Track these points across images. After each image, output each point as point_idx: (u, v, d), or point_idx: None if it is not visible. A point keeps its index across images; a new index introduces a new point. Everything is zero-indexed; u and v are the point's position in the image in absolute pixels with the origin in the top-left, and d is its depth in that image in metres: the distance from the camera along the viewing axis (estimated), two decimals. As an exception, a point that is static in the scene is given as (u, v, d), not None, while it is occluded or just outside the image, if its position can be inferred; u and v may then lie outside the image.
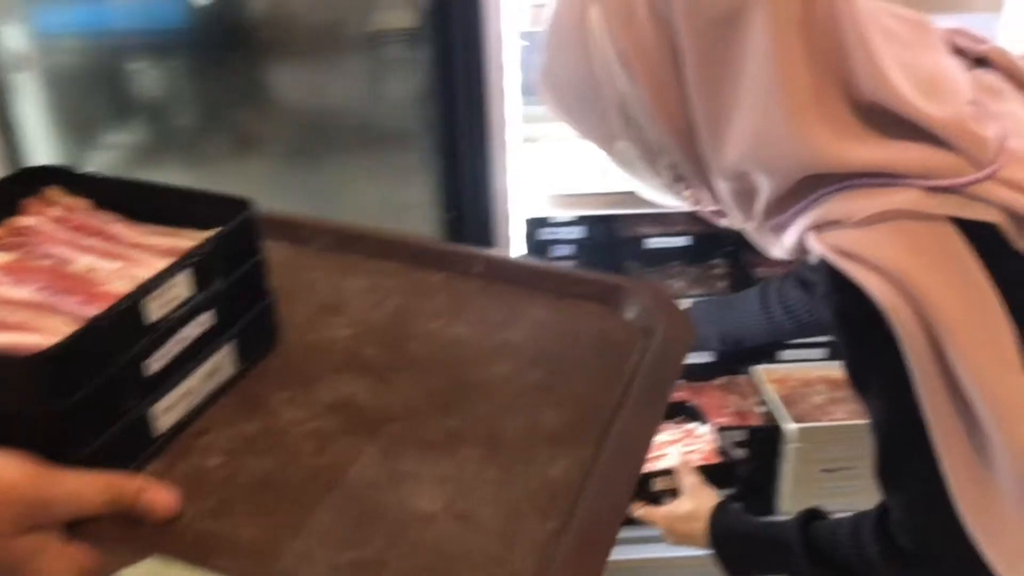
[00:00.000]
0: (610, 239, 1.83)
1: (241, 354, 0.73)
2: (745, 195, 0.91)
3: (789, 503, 1.70)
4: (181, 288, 0.66)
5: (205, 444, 0.68)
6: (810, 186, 0.85)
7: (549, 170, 1.55)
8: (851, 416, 1.67)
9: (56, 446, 0.59)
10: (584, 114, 0.95)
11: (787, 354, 1.78)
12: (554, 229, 1.76)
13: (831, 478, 1.67)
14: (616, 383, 0.74)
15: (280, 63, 1.53)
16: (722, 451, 1.64)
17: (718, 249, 1.88)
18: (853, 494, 1.65)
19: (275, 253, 0.89)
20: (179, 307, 0.66)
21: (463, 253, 0.88)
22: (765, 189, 0.87)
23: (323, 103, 1.57)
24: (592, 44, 0.87)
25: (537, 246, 1.74)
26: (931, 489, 0.83)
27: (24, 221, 0.76)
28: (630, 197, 1.46)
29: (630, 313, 0.82)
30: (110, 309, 0.61)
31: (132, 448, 0.65)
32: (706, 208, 1.00)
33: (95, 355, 0.61)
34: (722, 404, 1.79)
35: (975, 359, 0.77)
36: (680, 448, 1.60)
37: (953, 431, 0.80)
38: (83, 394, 0.60)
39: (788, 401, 1.72)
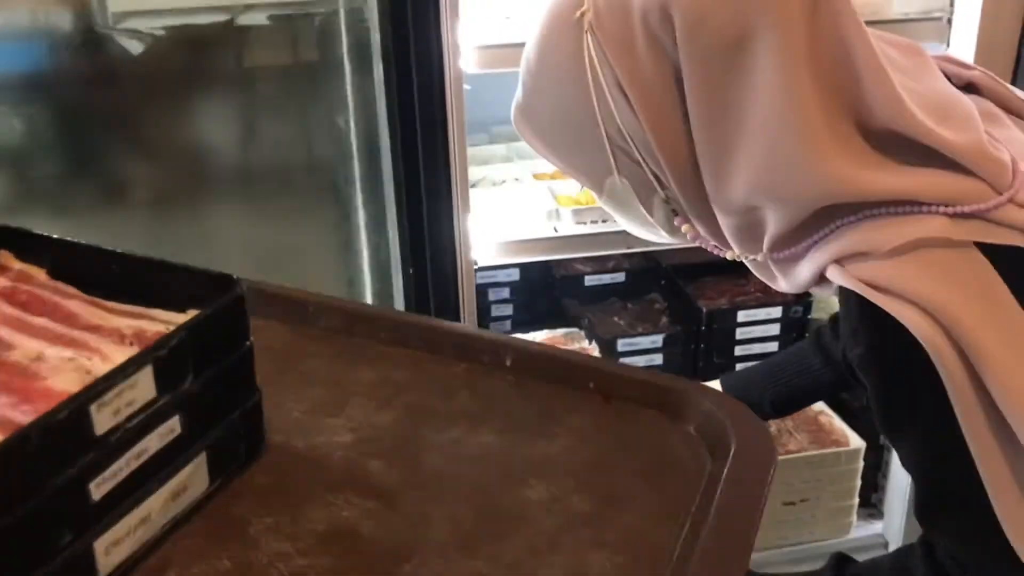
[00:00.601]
0: (546, 280, 1.78)
1: (215, 468, 0.59)
2: (752, 229, 0.87)
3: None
4: (142, 389, 0.52)
5: (161, 588, 0.53)
6: (825, 216, 0.82)
7: (489, 215, 1.47)
8: (805, 447, 1.63)
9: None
10: (573, 149, 0.90)
11: None
12: (490, 272, 1.69)
13: (792, 511, 1.62)
14: (681, 515, 0.59)
15: (156, 103, 1.43)
16: None
17: (654, 283, 1.83)
18: (813, 524, 1.63)
19: (268, 334, 0.76)
20: (137, 413, 0.52)
21: (489, 340, 0.75)
22: (776, 221, 0.83)
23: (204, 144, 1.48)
24: (588, 75, 0.84)
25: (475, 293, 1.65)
26: (978, 522, 0.80)
27: (-38, 293, 0.63)
28: (574, 240, 1.43)
29: (693, 422, 0.67)
30: (46, 416, 0.47)
31: (66, 594, 0.50)
32: (706, 243, 0.94)
33: (23, 474, 0.47)
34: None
35: (1015, 388, 0.75)
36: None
37: (998, 461, 0.78)
38: (5, 524, 0.46)
39: None
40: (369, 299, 1.48)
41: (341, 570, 0.55)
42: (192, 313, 0.58)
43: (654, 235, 0.98)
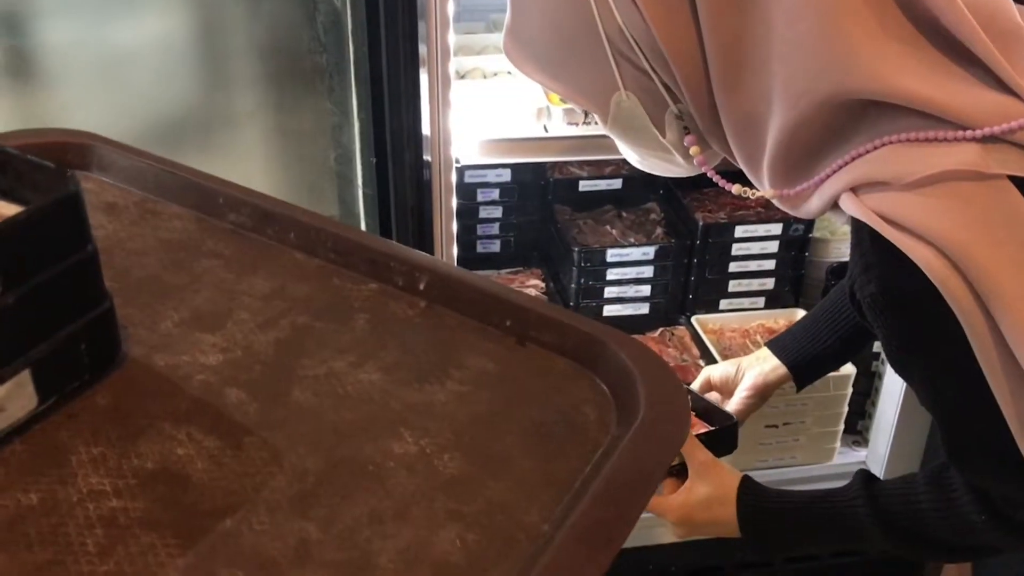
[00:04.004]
0: (539, 182, 1.65)
1: (46, 386, 0.53)
2: (760, 148, 0.79)
3: (731, 460, 1.51)
4: (-76, 301, 0.46)
5: (-48, 520, 0.48)
6: (839, 140, 0.75)
7: (475, 110, 1.35)
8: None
9: None
10: (572, 67, 0.81)
11: (724, 303, 1.65)
12: (480, 172, 1.57)
13: (775, 434, 1.55)
14: (561, 488, 0.52)
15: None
16: None
17: (652, 192, 1.71)
18: (796, 448, 1.57)
19: (174, 223, 0.69)
20: (-83, 329, 0.46)
21: (406, 259, 0.66)
22: (783, 135, 0.75)
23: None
24: None
25: (462, 191, 1.55)
26: (1009, 460, 0.77)
27: None
28: (565, 143, 1.30)
29: (607, 380, 0.58)
30: None
31: None
32: (713, 172, 0.86)
33: None
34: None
35: None
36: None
37: (1021, 403, 0.74)
38: None
39: (727, 354, 1.54)
40: (336, 198, 1.40)
41: (152, 519, 0.48)
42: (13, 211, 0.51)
43: (664, 164, 0.89)
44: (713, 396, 1.23)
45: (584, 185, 1.66)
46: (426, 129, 1.19)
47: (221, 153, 1.40)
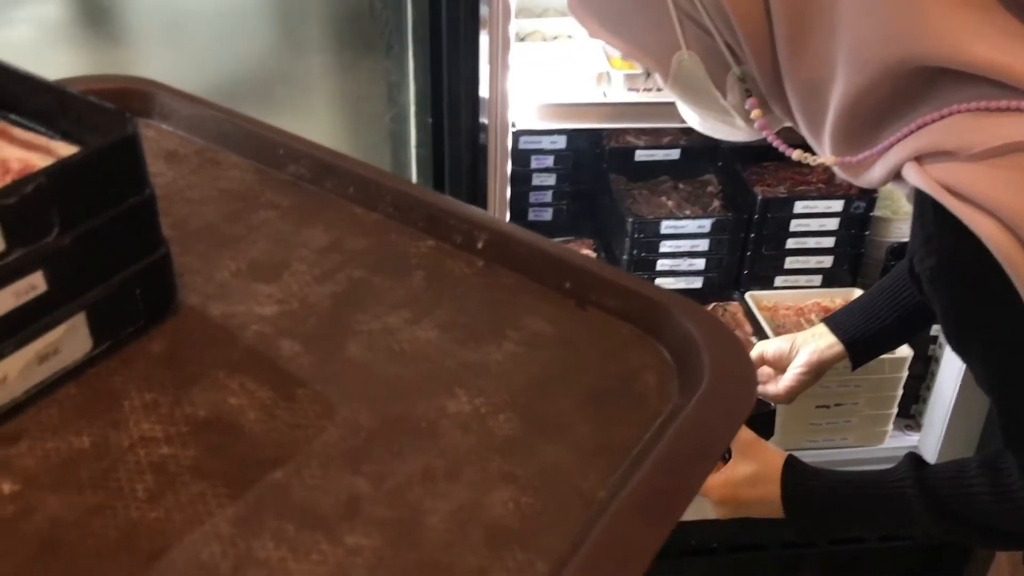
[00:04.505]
0: (595, 150, 1.61)
1: (101, 330, 0.53)
2: (819, 111, 0.76)
3: (781, 440, 1.52)
4: (-18, 238, 0.45)
5: (5, 460, 0.48)
6: (906, 109, 0.71)
7: (533, 74, 1.31)
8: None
9: None
10: (635, 24, 0.80)
11: (779, 280, 1.61)
12: (535, 138, 1.54)
13: (825, 414, 1.52)
14: (619, 456, 0.50)
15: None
16: None
17: (710, 164, 1.66)
18: (847, 430, 1.54)
19: (233, 174, 0.69)
20: (-27, 266, 0.45)
21: (465, 217, 0.64)
22: (847, 95, 0.72)
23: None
24: None
25: (516, 158, 1.52)
26: None
27: None
28: (624, 109, 1.27)
29: (670, 348, 0.57)
30: None
31: None
32: (775, 137, 0.83)
33: None
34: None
35: None
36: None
37: None
38: None
39: (780, 331, 1.51)
40: (390, 158, 1.39)
41: (203, 467, 0.48)
42: (70, 152, 0.50)
43: (724, 127, 0.87)
44: (766, 371, 1.21)
45: (640, 155, 1.63)
46: (484, 91, 1.17)
47: (280, 111, 1.40)
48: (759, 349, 1.22)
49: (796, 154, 0.82)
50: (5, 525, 0.45)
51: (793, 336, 1.19)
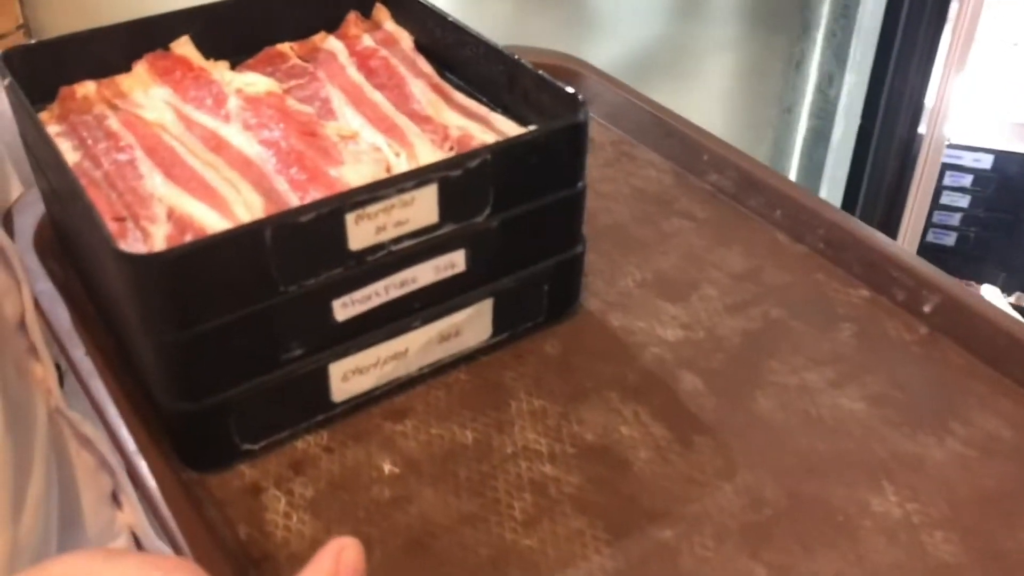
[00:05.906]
0: (1022, 179, 1.36)
1: (502, 320, 0.49)
2: None
3: None
4: (420, 210, 0.43)
5: (391, 436, 0.46)
6: None
7: (982, 81, 1.09)
8: None
9: (179, 383, 0.41)
10: None
11: None
12: (955, 152, 1.32)
13: None
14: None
15: None
16: None
17: None
18: None
19: (649, 172, 0.64)
20: (407, 236, 0.43)
21: (912, 272, 0.54)
22: None
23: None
24: None
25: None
26: None
27: (326, 43, 0.57)
28: None
29: None
30: (287, 215, 0.40)
31: (292, 409, 0.45)
32: None
33: (251, 271, 0.40)
34: None
35: None
36: None
37: None
38: (227, 320, 0.40)
39: None
40: (799, 143, 1.27)
41: (585, 500, 0.43)
42: (519, 133, 0.47)
43: None
44: None
45: None
46: (930, 98, 1.02)
47: (682, 83, 1.35)
48: None
49: None
50: (380, 509, 0.43)
51: None
